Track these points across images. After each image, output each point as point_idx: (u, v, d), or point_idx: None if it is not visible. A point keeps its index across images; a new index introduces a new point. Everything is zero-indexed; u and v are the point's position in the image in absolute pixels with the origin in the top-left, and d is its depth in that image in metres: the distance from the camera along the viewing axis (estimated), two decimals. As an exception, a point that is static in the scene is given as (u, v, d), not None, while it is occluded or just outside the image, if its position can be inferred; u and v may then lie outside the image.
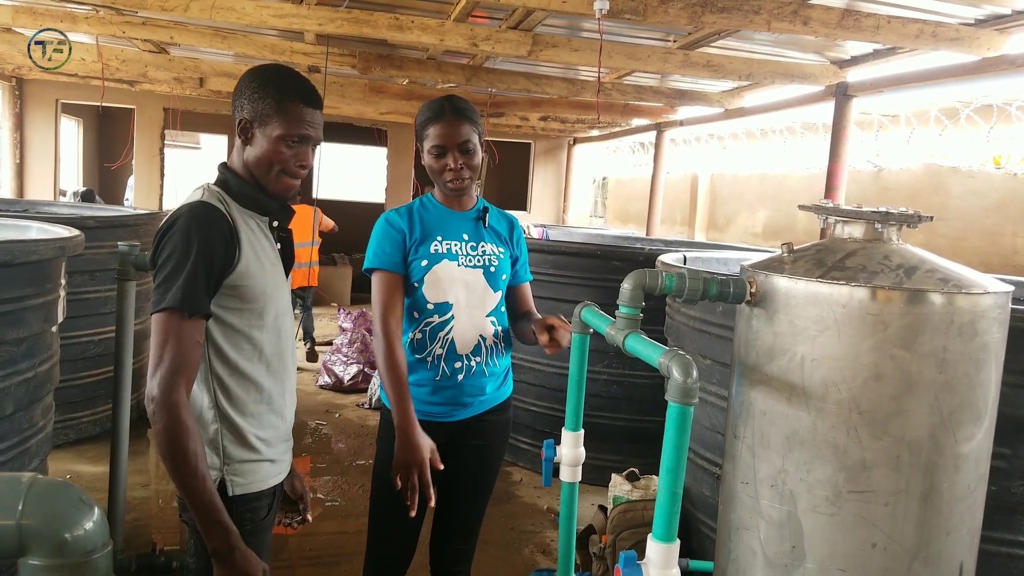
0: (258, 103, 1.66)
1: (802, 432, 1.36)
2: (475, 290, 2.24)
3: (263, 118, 1.66)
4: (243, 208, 1.70)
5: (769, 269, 1.44)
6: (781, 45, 5.41)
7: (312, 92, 1.72)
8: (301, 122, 1.67)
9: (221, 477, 1.66)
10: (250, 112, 1.66)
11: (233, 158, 1.75)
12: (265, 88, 1.67)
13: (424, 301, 2.21)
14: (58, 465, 4.38)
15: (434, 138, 2.18)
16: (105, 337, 4.88)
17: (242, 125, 1.68)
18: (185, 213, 1.59)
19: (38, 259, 2.83)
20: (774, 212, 7.35)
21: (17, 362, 2.75)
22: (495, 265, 2.28)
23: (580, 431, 2.00)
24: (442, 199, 2.31)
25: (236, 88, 1.72)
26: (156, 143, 9.64)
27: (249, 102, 1.67)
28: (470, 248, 2.26)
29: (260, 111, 1.66)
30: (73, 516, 0.80)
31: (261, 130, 1.66)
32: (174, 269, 1.53)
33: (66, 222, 3.81)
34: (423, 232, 2.24)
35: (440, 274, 2.20)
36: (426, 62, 6.38)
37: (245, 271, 1.63)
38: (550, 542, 4.06)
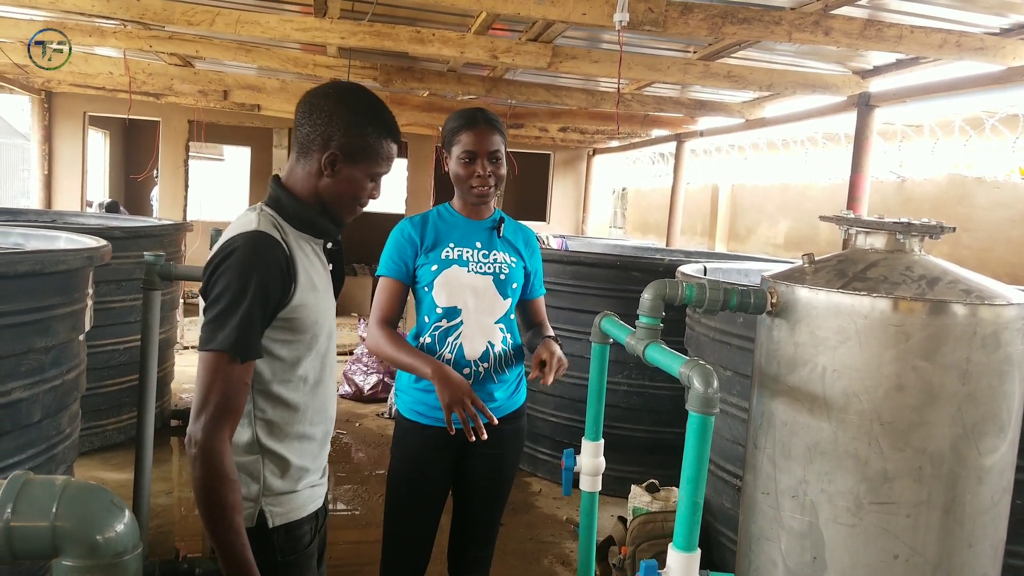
0: (355, 138, 1.59)
1: (823, 443, 1.36)
2: (484, 296, 2.27)
3: (356, 153, 1.59)
4: (298, 231, 1.63)
5: (790, 280, 1.44)
6: (802, 55, 5.39)
7: (397, 126, 1.68)
8: (391, 160, 1.66)
9: (259, 508, 1.60)
10: (341, 145, 1.59)
11: (292, 178, 1.65)
12: (363, 124, 1.60)
13: (433, 305, 2.26)
14: (84, 472, 4.44)
15: (466, 144, 2.22)
16: (130, 346, 4.95)
17: (330, 157, 1.59)
18: (242, 245, 1.50)
19: (66, 268, 2.88)
20: (796, 223, 7.31)
21: (45, 370, 2.79)
22: (505, 273, 2.31)
23: (600, 441, 2.01)
24: (460, 208, 2.36)
25: (319, 110, 1.61)
26: (181, 155, 9.78)
27: (343, 134, 1.58)
28: (482, 255, 2.30)
29: (355, 146, 1.59)
30: (105, 518, 0.82)
31: (350, 164, 1.60)
32: (228, 307, 1.45)
33: (93, 232, 3.88)
34: (436, 238, 2.29)
35: (450, 279, 2.25)
36: (446, 74, 6.43)
37: (300, 303, 1.57)
38: (569, 553, 4.05)
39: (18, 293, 2.63)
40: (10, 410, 2.64)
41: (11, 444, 2.68)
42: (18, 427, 2.70)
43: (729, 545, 3.34)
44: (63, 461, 3.06)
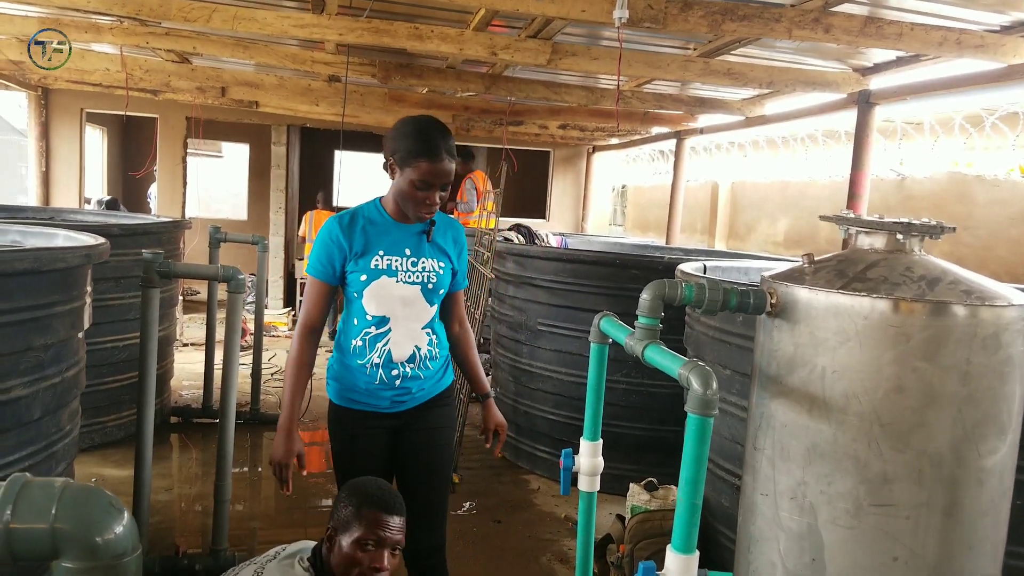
0: (344, 514, 1.92)
1: (823, 444, 1.35)
2: (412, 305, 2.35)
3: (343, 527, 1.92)
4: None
5: (790, 280, 1.44)
6: (802, 53, 5.38)
7: (370, 491, 2.00)
8: (374, 526, 1.92)
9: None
10: (336, 527, 1.94)
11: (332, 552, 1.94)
12: (345, 504, 1.94)
13: (363, 312, 2.34)
14: (84, 469, 4.44)
15: (424, 174, 2.23)
16: (130, 343, 4.94)
17: (328, 534, 1.96)
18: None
19: (65, 266, 2.88)
20: (795, 221, 7.31)
21: (44, 368, 2.79)
22: (433, 282, 2.38)
23: (599, 441, 2.01)
24: (392, 211, 2.37)
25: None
26: (179, 152, 9.76)
27: (336, 520, 1.94)
28: (410, 264, 2.35)
29: (344, 520, 1.92)
30: (104, 520, 0.82)
31: (343, 536, 1.91)
32: None
33: (92, 230, 3.87)
34: (365, 244, 2.32)
35: (379, 289, 2.32)
36: (445, 71, 6.42)
37: None
38: (568, 551, 4.05)
39: (17, 291, 2.62)
40: (10, 408, 2.64)
41: (11, 442, 2.68)
42: (18, 425, 2.70)
43: (727, 544, 3.34)
44: (63, 458, 3.06)
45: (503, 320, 5.34)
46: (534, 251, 5.23)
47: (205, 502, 4.42)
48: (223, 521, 3.57)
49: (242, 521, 4.11)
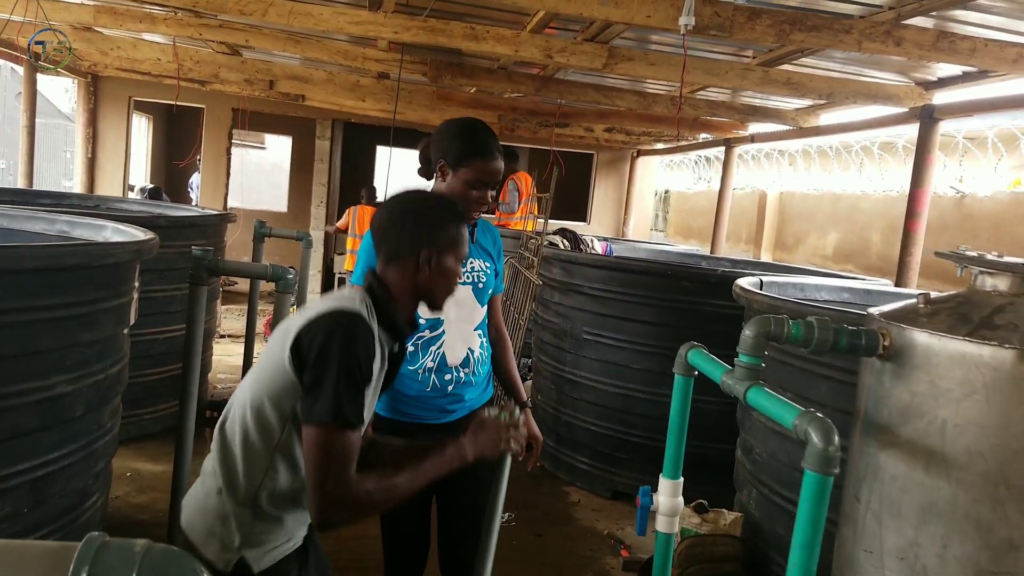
0: (442, 235, 1.78)
1: (940, 503, 1.23)
2: (465, 306, 2.33)
3: (445, 247, 1.77)
4: (380, 325, 1.69)
5: (904, 321, 1.32)
6: (863, 64, 5.21)
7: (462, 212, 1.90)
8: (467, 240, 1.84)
9: (240, 557, 1.58)
10: (431, 243, 1.76)
11: (386, 278, 1.75)
12: (443, 222, 1.79)
13: (417, 316, 2.22)
14: (119, 462, 4.40)
15: (479, 173, 2.25)
16: (170, 336, 4.91)
17: (426, 255, 1.74)
18: (348, 323, 1.57)
19: (115, 262, 2.83)
20: (846, 234, 7.10)
21: (89, 364, 2.74)
22: (483, 281, 2.39)
23: (679, 479, 1.89)
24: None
25: (403, 219, 1.77)
26: (224, 142, 9.79)
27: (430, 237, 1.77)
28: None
29: (443, 241, 1.78)
30: (187, 590, 0.73)
31: (443, 256, 1.77)
32: (337, 380, 1.50)
33: (137, 221, 3.83)
34: None
35: None
36: (496, 72, 6.33)
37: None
38: (610, 570, 3.93)
39: (66, 286, 2.57)
40: (53, 404, 2.59)
41: (53, 439, 2.63)
42: (60, 422, 2.65)
43: (780, 572, 3.20)
44: (103, 456, 3.01)
45: (547, 327, 5.23)
46: (582, 258, 5.12)
47: (241, 501, 4.37)
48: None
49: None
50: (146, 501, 4.11)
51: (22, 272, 2.35)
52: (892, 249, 6.22)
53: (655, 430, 4.78)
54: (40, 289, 2.44)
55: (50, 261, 2.47)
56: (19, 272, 2.34)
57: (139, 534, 0.76)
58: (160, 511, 3.89)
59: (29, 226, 3.48)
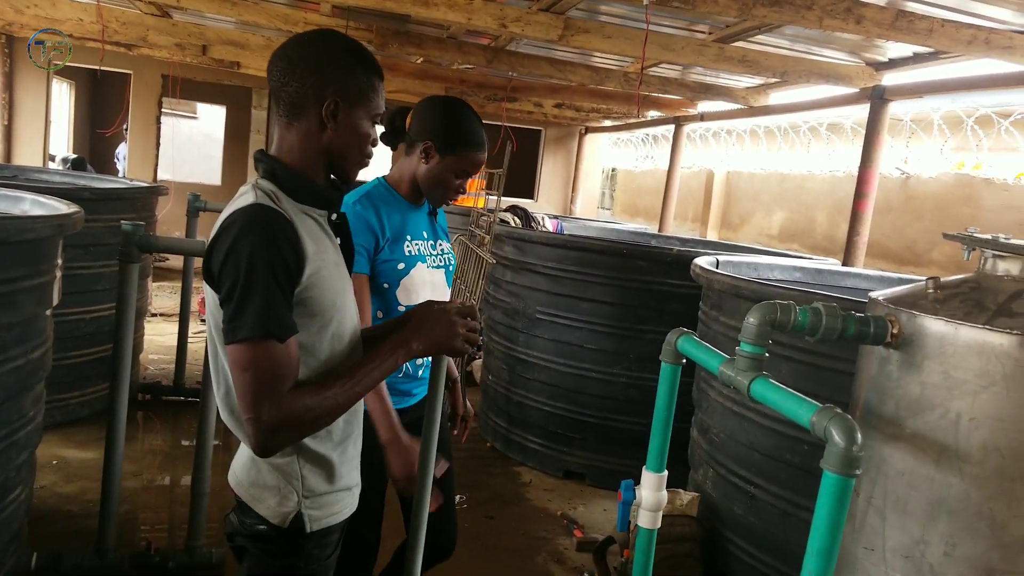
0: (350, 82, 1.49)
1: (951, 500, 1.16)
2: (438, 289, 2.28)
3: (354, 97, 1.49)
4: (300, 204, 1.47)
5: (914, 307, 1.24)
6: (816, 43, 5.20)
7: (379, 64, 1.59)
8: (383, 97, 1.57)
9: (298, 512, 1.46)
10: (338, 92, 1.48)
11: (284, 146, 1.50)
12: (352, 65, 1.50)
13: (395, 303, 2.19)
14: (44, 450, 4.12)
15: (468, 164, 2.18)
16: (98, 316, 4.63)
17: (330, 107, 1.47)
18: (243, 221, 1.35)
19: (35, 237, 2.59)
20: (792, 214, 7.16)
21: (8, 349, 2.51)
22: (452, 263, 2.37)
23: (664, 473, 1.79)
24: (407, 192, 2.23)
25: (302, 61, 1.47)
26: (153, 111, 9.31)
27: (337, 81, 1.48)
28: (430, 247, 2.28)
29: (352, 90, 1.49)
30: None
31: (352, 110, 1.49)
32: (247, 290, 1.31)
33: (60, 193, 3.55)
34: (394, 232, 2.18)
35: (415, 278, 2.20)
36: (446, 41, 6.12)
37: (314, 281, 1.40)
38: (564, 550, 3.87)
39: (-21, 264, 2.34)
40: (-32, 392, 2.36)
41: (-31, 430, 2.40)
42: (-24, 411, 2.43)
43: (737, 553, 3.19)
44: (25, 447, 2.78)
45: (498, 306, 5.11)
46: (536, 236, 5.00)
47: (177, 489, 4.16)
48: (200, 516, 3.31)
49: (219, 512, 3.86)
50: (74, 491, 3.86)
51: (-73, 247, 2.11)
52: (837, 229, 6.30)
53: (607, 410, 4.75)
54: (-51, 266, 2.20)
55: (-40, 235, 2.22)
56: (-77, 247, 2.10)
57: (67, 525, 0.60)
58: (89, 501, 3.66)
59: (-64, 196, 3.18)
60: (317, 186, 1.50)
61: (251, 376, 1.30)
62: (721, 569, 3.31)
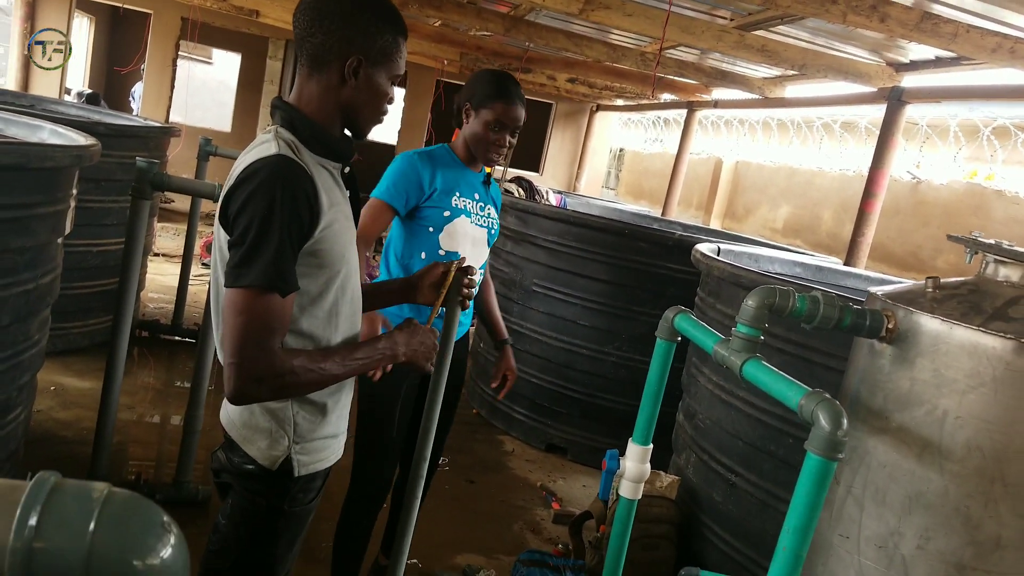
0: (374, 40, 1.50)
1: (930, 495, 1.21)
2: (478, 245, 2.54)
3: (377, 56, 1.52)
4: (315, 155, 1.49)
5: (911, 304, 1.27)
6: (837, 38, 5.18)
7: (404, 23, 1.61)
8: (404, 59, 1.60)
9: (287, 456, 1.51)
10: (362, 49, 1.50)
11: (304, 96, 1.51)
12: (378, 23, 1.51)
13: (438, 247, 2.47)
14: (43, 375, 4.16)
15: (499, 114, 2.39)
16: (104, 249, 4.67)
17: (353, 64, 1.48)
18: (265, 171, 1.36)
19: (53, 166, 2.62)
20: (798, 209, 7.17)
21: (19, 272, 2.55)
22: (495, 228, 2.61)
23: (649, 446, 1.84)
24: (462, 156, 2.51)
25: (330, 15, 1.47)
26: (170, 53, 9.25)
27: (362, 38, 1.50)
28: (479, 208, 2.54)
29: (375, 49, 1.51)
30: (152, 545, 0.63)
31: (373, 68, 1.51)
32: (260, 239, 1.33)
33: (76, 125, 3.57)
34: (445, 184, 2.44)
35: (458, 227, 2.47)
36: (466, 6, 6.08)
37: (326, 235, 1.43)
38: (540, 520, 3.95)
39: (0, 186, 2.37)
40: (-24, 312, 2.40)
41: (-26, 349, 2.45)
42: (-16, 330, 2.47)
43: (712, 539, 3.25)
44: (28, 369, 2.85)
45: (496, 275, 5.14)
46: (539, 209, 5.02)
47: (168, 427, 4.22)
48: (190, 453, 3.39)
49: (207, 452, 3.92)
50: (70, 417, 3.93)
51: (-50, 167, 2.14)
52: (842, 228, 6.31)
53: (595, 387, 4.80)
54: (-31, 188, 2.23)
55: (-18, 158, 2.25)
56: (-53, 166, 2.13)
57: (62, 451, 0.65)
58: (84, 428, 3.73)
59: (-44, 119, 3.20)
60: (333, 139, 1.52)
61: (243, 322, 1.33)
62: (695, 553, 3.37)
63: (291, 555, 1.60)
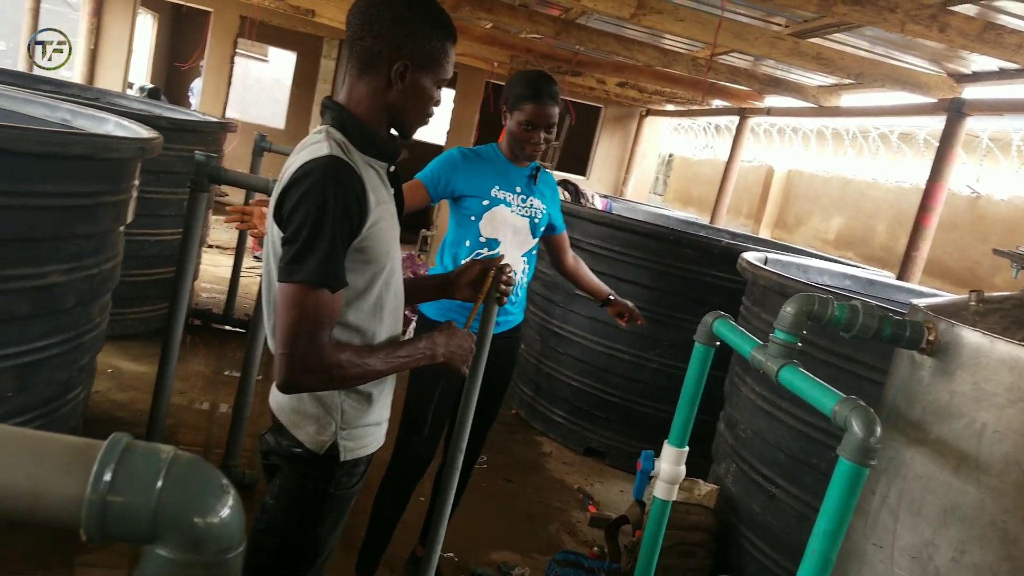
0: (422, 45, 1.55)
1: (966, 508, 1.21)
2: (520, 234, 2.70)
3: (425, 61, 1.57)
4: (363, 155, 1.55)
5: (953, 317, 1.27)
6: (896, 47, 5.09)
7: (455, 28, 1.66)
8: (452, 64, 1.66)
9: (334, 441, 1.58)
10: (410, 54, 1.55)
11: (354, 97, 1.57)
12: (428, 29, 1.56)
13: (478, 234, 2.66)
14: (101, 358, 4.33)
15: (529, 115, 2.57)
16: (161, 239, 4.82)
17: (400, 68, 1.54)
18: (318, 172, 1.43)
19: (119, 156, 2.75)
20: (851, 221, 7.05)
21: (83, 257, 2.68)
22: (538, 218, 2.75)
23: (685, 448, 1.85)
24: (506, 153, 2.72)
25: (380, 19, 1.52)
26: (228, 50, 9.49)
27: (411, 42, 1.54)
28: (521, 200, 2.71)
29: (423, 54, 1.56)
30: (212, 504, 0.68)
31: (420, 73, 1.56)
32: (313, 237, 1.40)
33: (139, 119, 3.71)
34: (484, 177, 2.66)
35: (496, 215, 2.66)
36: (517, 9, 6.13)
37: (373, 232, 1.50)
38: (576, 523, 3.96)
39: (68, 175, 2.50)
40: (44, 294, 2.54)
41: (42, 327, 2.59)
42: (50, 311, 2.61)
43: (750, 549, 3.23)
44: (89, 350, 2.98)
45: (538, 276, 5.17)
46: (584, 212, 5.03)
47: (217, 413, 4.35)
48: (239, 438, 3.49)
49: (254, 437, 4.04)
50: (126, 399, 4.08)
51: (26, 155, 2.26)
52: (896, 241, 6.20)
53: (635, 392, 4.80)
54: (42, 175, 2.35)
55: (55, 148, 2.37)
56: (23, 155, 2.25)
57: (117, 430, 0.71)
58: (139, 411, 3.86)
59: (30, 110, 3.36)
60: (381, 140, 1.58)
61: (296, 315, 1.40)
62: (732, 563, 3.35)
63: (334, 537, 1.67)
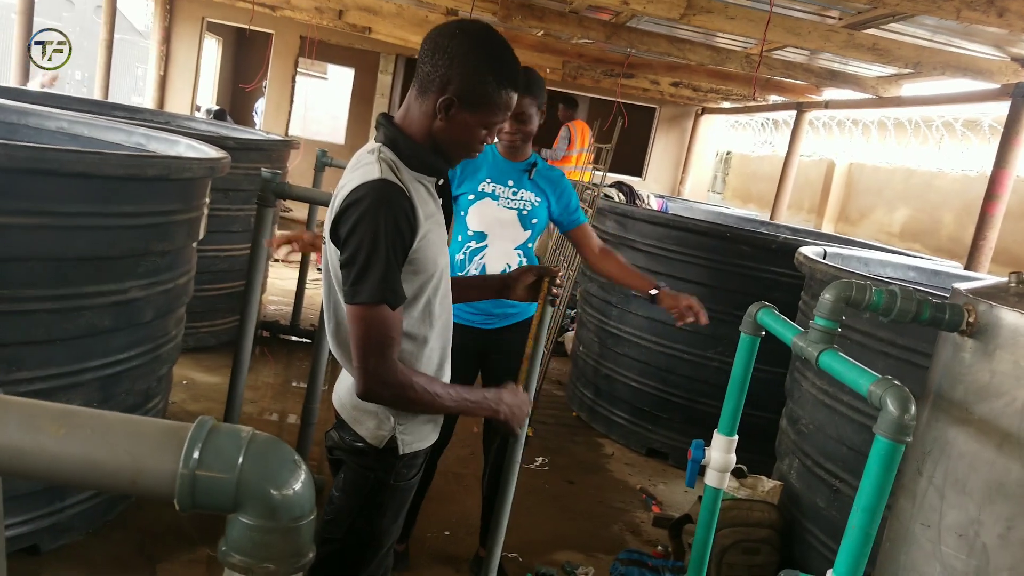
0: (474, 85, 1.58)
1: (1010, 485, 1.22)
2: (507, 226, 2.76)
3: (473, 101, 1.59)
4: (413, 171, 1.63)
5: (993, 299, 1.29)
6: (955, 34, 4.98)
7: (519, 74, 1.66)
8: (509, 109, 1.67)
9: (392, 435, 1.68)
10: (458, 91, 1.57)
11: (408, 117, 1.65)
12: (484, 71, 1.58)
13: (466, 227, 2.78)
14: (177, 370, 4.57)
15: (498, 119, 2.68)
16: (230, 255, 5.03)
17: (445, 102, 1.58)
18: (371, 196, 1.51)
19: (190, 176, 2.91)
20: (916, 212, 6.88)
21: (160, 273, 2.84)
22: (527, 210, 2.79)
23: (734, 436, 1.89)
24: (502, 150, 2.84)
25: (443, 51, 1.57)
26: (290, 70, 9.83)
27: (462, 80, 1.58)
28: (511, 193, 2.78)
29: (473, 94, 1.58)
30: (287, 479, 0.78)
31: (466, 111, 1.60)
32: (370, 258, 1.50)
33: (208, 140, 3.90)
34: (475, 172, 2.76)
35: (482, 208, 2.76)
36: (567, 16, 6.20)
37: (423, 244, 1.60)
38: (640, 523, 3.98)
39: (145, 196, 2.66)
40: (126, 308, 2.70)
41: (123, 340, 2.75)
42: (131, 324, 2.77)
43: (814, 543, 3.22)
44: (167, 361, 3.15)
45: (595, 279, 5.22)
46: (638, 213, 5.06)
47: (285, 422, 4.51)
48: (307, 443, 3.62)
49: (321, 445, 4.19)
50: (200, 409, 4.27)
51: (108, 178, 2.43)
52: (965, 232, 6.03)
53: (696, 392, 4.78)
54: (122, 196, 2.52)
55: (134, 170, 2.54)
56: (105, 178, 2.42)
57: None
58: (212, 420, 4.05)
59: (108, 136, 3.58)
60: (430, 158, 1.65)
61: (363, 333, 1.52)
62: (797, 559, 3.33)
63: (396, 527, 1.77)
